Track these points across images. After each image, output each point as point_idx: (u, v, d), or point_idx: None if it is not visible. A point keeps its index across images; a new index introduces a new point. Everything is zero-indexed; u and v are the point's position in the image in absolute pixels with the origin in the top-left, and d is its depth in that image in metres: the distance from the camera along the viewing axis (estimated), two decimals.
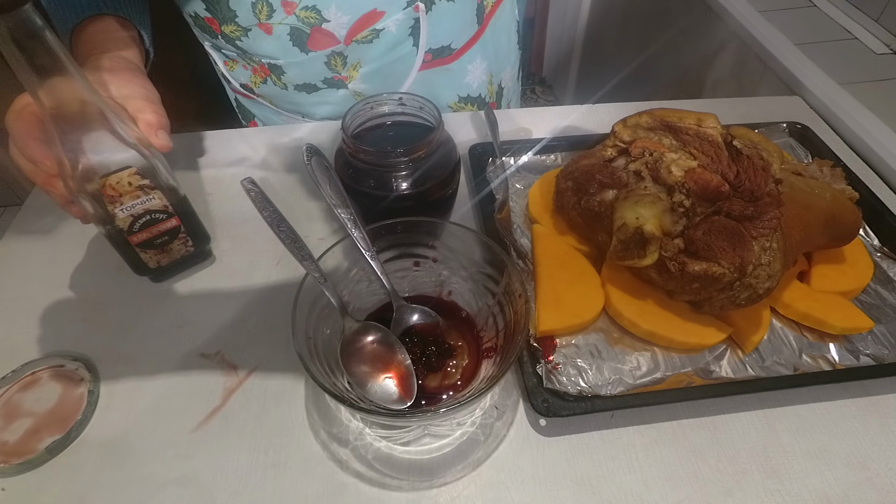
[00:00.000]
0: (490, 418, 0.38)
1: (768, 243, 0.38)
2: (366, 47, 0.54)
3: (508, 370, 0.32)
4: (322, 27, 0.52)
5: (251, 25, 0.52)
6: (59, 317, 0.43)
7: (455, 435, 0.37)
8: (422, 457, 0.36)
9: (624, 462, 0.36)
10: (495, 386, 0.32)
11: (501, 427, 0.37)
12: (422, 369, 0.37)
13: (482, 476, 0.35)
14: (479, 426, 0.37)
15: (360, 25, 0.52)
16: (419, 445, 0.37)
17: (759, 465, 0.36)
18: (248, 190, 0.34)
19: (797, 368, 0.40)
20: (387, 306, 0.39)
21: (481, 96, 0.65)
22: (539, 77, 2.08)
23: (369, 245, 0.37)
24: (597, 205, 0.42)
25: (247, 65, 0.58)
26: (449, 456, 0.36)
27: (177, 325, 0.42)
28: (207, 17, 0.53)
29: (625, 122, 0.44)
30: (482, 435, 0.37)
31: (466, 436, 0.37)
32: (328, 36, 0.52)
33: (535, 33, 1.91)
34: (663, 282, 0.40)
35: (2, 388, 0.38)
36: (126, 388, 0.39)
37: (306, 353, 0.32)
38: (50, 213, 0.52)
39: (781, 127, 0.58)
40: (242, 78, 0.60)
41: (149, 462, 0.36)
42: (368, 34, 0.53)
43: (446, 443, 0.37)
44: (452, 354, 0.38)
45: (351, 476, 0.35)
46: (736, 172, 0.40)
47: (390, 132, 0.43)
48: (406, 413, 0.34)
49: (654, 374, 0.39)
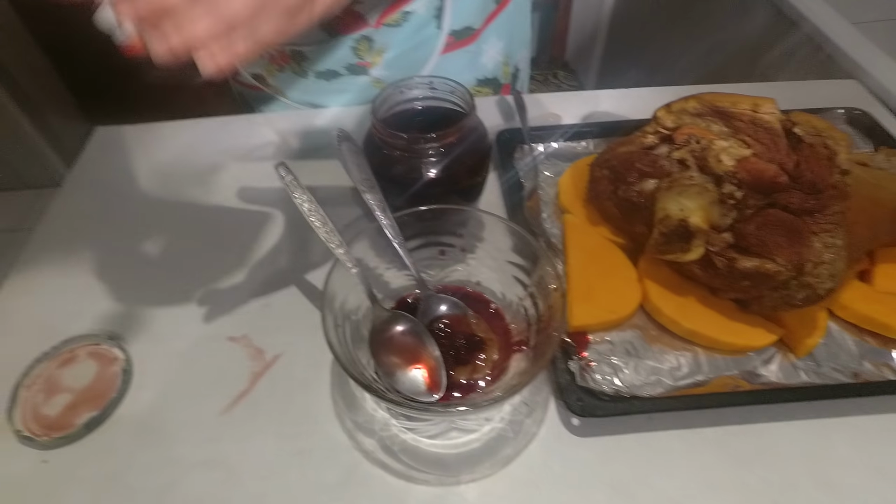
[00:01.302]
0: (519, 415, 0.36)
1: (831, 240, 0.35)
2: (394, 31, 0.53)
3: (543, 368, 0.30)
4: (354, 9, 0.50)
5: None
6: (95, 296, 0.44)
7: (483, 430, 0.36)
8: (449, 451, 0.35)
9: (662, 467, 0.34)
10: (528, 384, 0.30)
11: (531, 424, 0.36)
12: (450, 362, 0.35)
13: (511, 474, 0.34)
14: (508, 422, 0.36)
15: (391, 7, 0.51)
16: (446, 439, 0.36)
17: (812, 477, 0.33)
18: (282, 176, 0.34)
19: (857, 376, 0.36)
20: (413, 295, 0.38)
21: (496, 78, 0.64)
22: (561, 61, 1.96)
23: (398, 232, 0.36)
24: (636, 195, 0.40)
25: (264, 53, 0.57)
26: (477, 451, 0.35)
27: (205, 307, 0.43)
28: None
29: (669, 107, 0.41)
30: (511, 432, 0.36)
31: (495, 432, 0.36)
32: (359, 19, 0.51)
33: (559, 14, 1.81)
34: (708, 278, 0.38)
35: (43, 363, 0.39)
36: (157, 368, 0.40)
37: (335, 341, 0.31)
38: (86, 196, 0.53)
39: (838, 113, 0.53)
40: (255, 68, 0.59)
41: (179, 443, 0.36)
42: (399, 17, 0.52)
43: (474, 438, 0.36)
44: (482, 347, 0.36)
45: (377, 466, 0.35)
46: (796, 162, 0.37)
47: (419, 117, 0.41)
48: (436, 407, 0.33)
49: (696, 377, 0.37)
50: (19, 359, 0.39)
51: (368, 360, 0.36)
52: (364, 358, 0.35)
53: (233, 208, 0.51)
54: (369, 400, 0.37)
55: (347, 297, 0.35)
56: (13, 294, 0.45)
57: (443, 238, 0.38)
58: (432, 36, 0.56)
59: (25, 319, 0.43)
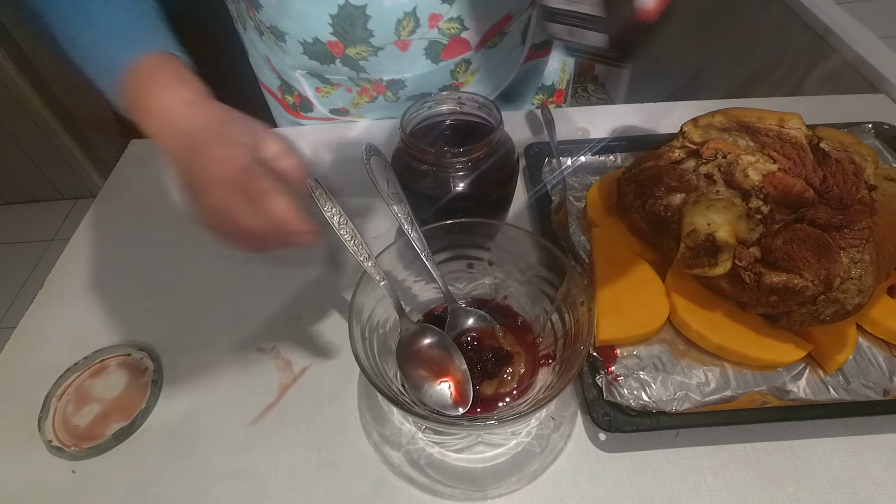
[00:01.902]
0: (546, 429, 0.36)
1: (859, 255, 0.35)
2: (490, 52, 0.55)
3: (569, 382, 0.30)
4: (460, 35, 0.51)
5: (386, 44, 0.50)
6: (127, 306, 0.45)
7: (510, 445, 0.36)
8: (475, 465, 0.35)
9: (691, 484, 0.34)
10: (556, 397, 0.30)
11: (559, 439, 0.36)
12: (477, 375, 0.36)
13: (538, 490, 0.34)
14: (535, 437, 0.36)
15: (492, 31, 0.53)
16: (473, 453, 0.36)
17: (845, 497, 0.33)
18: (313, 188, 0.34)
19: (888, 392, 0.36)
20: (441, 308, 0.38)
21: (553, 84, 0.66)
22: (591, 75, 2.01)
23: (425, 245, 0.36)
24: (663, 209, 0.40)
25: (353, 87, 0.56)
26: (503, 466, 0.35)
27: (235, 319, 0.43)
28: (330, 41, 0.50)
29: (696, 121, 0.42)
30: (538, 446, 0.36)
31: (522, 446, 0.36)
32: (462, 44, 0.52)
33: None
34: (736, 293, 0.38)
35: (75, 374, 0.40)
36: (187, 378, 0.40)
37: (362, 354, 0.31)
38: (119, 207, 0.54)
39: (866, 127, 0.53)
40: (339, 102, 0.59)
41: (208, 453, 0.36)
42: (497, 38, 0.54)
43: (500, 452, 0.36)
44: (509, 361, 0.36)
45: (403, 480, 0.35)
46: (822, 177, 0.37)
47: (448, 131, 0.42)
48: (462, 421, 0.33)
49: (724, 392, 0.37)
50: (51, 369, 0.40)
51: (395, 373, 0.36)
52: (391, 370, 0.35)
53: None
54: (396, 413, 0.37)
55: (375, 310, 0.36)
56: (47, 304, 0.46)
57: (470, 251, 0.39)
58: (517, 51, 0.58)
59: (58, 329, 0.44)
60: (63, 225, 1.61)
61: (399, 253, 0.37)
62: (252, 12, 0.51)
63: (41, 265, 1.51)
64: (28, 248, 1.56)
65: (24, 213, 1.65)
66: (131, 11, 0.36)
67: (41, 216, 1.63)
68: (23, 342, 0.43)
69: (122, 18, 0.36)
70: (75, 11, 0.36)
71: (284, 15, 0.49)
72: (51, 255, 1.54)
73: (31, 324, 0.44)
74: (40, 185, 1.61)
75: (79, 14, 0.36)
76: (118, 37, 0.35)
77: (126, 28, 0.36)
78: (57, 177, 1.59)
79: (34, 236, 1.59)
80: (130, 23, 0.36)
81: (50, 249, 1.55)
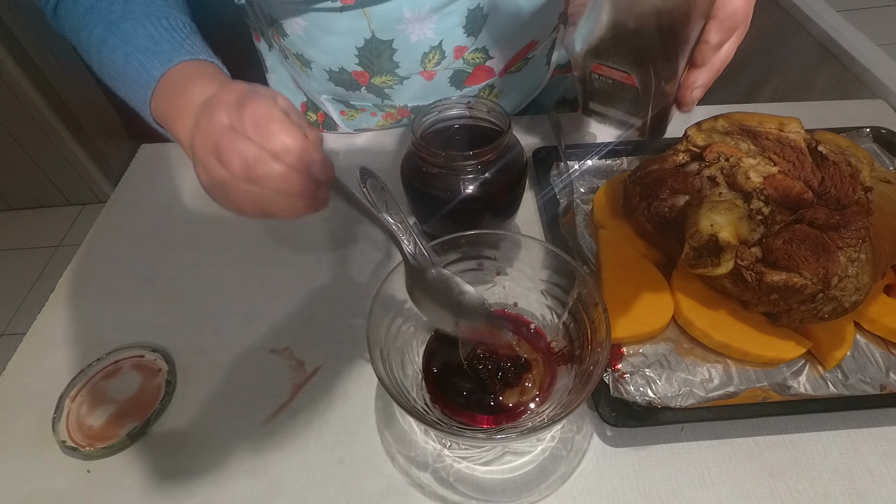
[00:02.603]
0: (570, 432, 0.37)
1: (856, 254, 0.36)
2: (514, 76, 0.55)
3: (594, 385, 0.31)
4: (485, 64, 0.52)
5: (411, 74, 0.50)
6: (139, 309, 0.45)
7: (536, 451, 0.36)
8: (489, 473, 0.36)
9: (695, 478, 0.35)
10: (582, 402, 0.31)
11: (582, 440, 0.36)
12: (499, 386, 0.36)
13: (544, 485, 0.35)
14: (560, 440, 0.36)
15: (517, 57, 0.53)
16: (499, 464, 0.36)
17: (844, 488, 0.34)
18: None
19: (885, 388, 0.37)
20: None
21: (576, 99, 0.67)
22: None
23: (431, 262, 0.35)
24: (667, 211, 0.41)
25: (377, 112, 0.56)
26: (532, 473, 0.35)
27: (247, 321, 0.44)
28: (356, 70, 0.50)
29: (699, 125, 0.43)
30: (563, 450, 0.36)
31: (548, 451, 0.36)
32: (487, 72, 0.53)
33: None
34: (738, 292, 0.39)
35: (88, 375, 0.40)
36: (200, 379, 0.40)
37: (385, 374, 0.31)
38: (130, 211, 0.54)
39: (865, 132, 0.55)
40: (363, 124, 0.59)
41: (221, 452, 0.37)
42: (521, 64, 0.54)
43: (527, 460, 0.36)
44: (528, 368, 0.37)
45: (414, 478, 0.35)
46: (821, 179, 0.38)
47: (457, 136, 0.43)
48: (479, 434, 0.34)
49: (727, 388, 0.38)
50: (65, 370, 0.40)
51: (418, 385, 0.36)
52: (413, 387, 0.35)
53: (274, 224, 0.51)
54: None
55: (390, 329, 0.35)
56: (60, 307, 0.46)
57: (478, 262, 0.39)
58: (541, 73, 0.59)
59: (71, 332, 0.44)
60: (70, 231, 1.59)
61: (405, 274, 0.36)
62: (277, 38, 0.52)
63: (47, 271, 1.50)
64: (34, 254, 1.54)
65: (31, 219, 1.63)
66: (162, 28, 0.36)
67: (48, 222, 1.61)
68: (35, 345, 0.43)
69: (153, 35, 0.36)
70: (108, 33, 0.36)
71: (311, 45, 0.49)
72: (57, 261, 1.52)
73: (44, 327, 0.45)
74: (46, 191, 1.59)
75: (112, 35, 0.36)
76: (151, 49, 0.35)
77: (159, 42, 0.35)
78: (63, 183, 1.57)
79: (40, 242, 1.57)
80: (162, 37, 0.36)
81: (56, 255, 1.54)
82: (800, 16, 0.84)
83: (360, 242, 0.49)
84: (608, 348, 0.32)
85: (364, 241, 0.49)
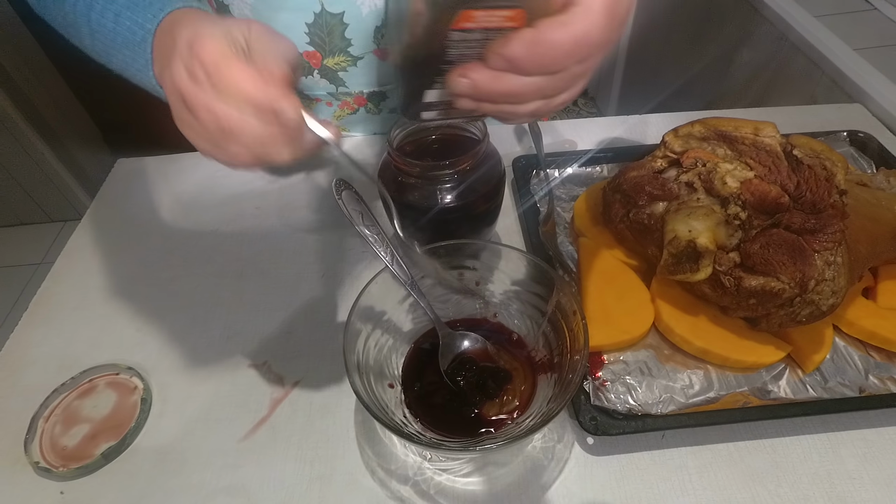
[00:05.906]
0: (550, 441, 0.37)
1: (832, 257, 0.36)
2: None
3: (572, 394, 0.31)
4: None
5: (365, 53, 0.49)
6: (115, 326, 0.45)
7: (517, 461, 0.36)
8: (479, 486, 0.36)
9: (677, 484, 0.35)
10: (561, 411, 0.30)
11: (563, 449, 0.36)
12: (479, 398, 0.36)
13: (528, 496, 0.34)
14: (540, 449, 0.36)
15: None
16: (463, 465, 0.36)
17: (824, 491, 0.34)
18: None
19: (863, 390, 0.37)
20: (432, 331, 0.38)
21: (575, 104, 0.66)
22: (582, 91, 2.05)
23: (409, 276, 0.36)
24: (646, 217, 0.41)
25: (333, 101, 0.55)
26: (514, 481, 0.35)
27: (226, 336, 0.43)
28: (307, 51, 0.49)
29: (676, 131, 0.43)
30: (520, 455, 0.36)
31: (530, 460, 0.36)
32: None
33: None
34: (717, 297, 0.39)
35: (62, 394, 0.39)
36: (177, 396, 0.40)
37: (361, 387, 0.31)
38: (107, 227, 0.53)
39: (842, 136, 0.55)
40: (319, 116, 0.57)
41: (199, 470, 0.36)
42: None
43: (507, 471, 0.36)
44: (508, 379, 0.37)
45: (395, 492, 0.35)
46: (796, 183, 0.38)
47: (435, 145, 0.42)
48: (461, 447, 0.34)
49: (708, 394, 0.38)
50: (38, 390, 0.39)
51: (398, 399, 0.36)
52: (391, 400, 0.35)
53: (253, 238, 0.51)
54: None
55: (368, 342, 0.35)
56: (33, 325, 0.45)
57: (459, 271, 0.39)
58: None
59: (45, 350, 0.43)
60: (51, 248, 1.57)
61: (383, 285, 0.36)
62: None
63: (28, 289, 1.47)
64: (16, 272, 1.51)
65: (11, 237, 1.60)
66: None
67: (29, 239, 1.58)
68: (8, 364, 0.43)
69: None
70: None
71: None
72: (38, 279, 1.46)
73: (16, 346, 0.44)
74: (26, 208, 1.56)
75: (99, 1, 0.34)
76: (139, 4, 0.32)
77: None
78: (43, 198, 1.54)
79: (22, 260, 1.54)
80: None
81: (38, 273, 1.51)
82: (778, 21, 0.85)
83: (341, 254, 0.49)
84: (587, 356, 0.32)
85: (345, 252, 0.49)
